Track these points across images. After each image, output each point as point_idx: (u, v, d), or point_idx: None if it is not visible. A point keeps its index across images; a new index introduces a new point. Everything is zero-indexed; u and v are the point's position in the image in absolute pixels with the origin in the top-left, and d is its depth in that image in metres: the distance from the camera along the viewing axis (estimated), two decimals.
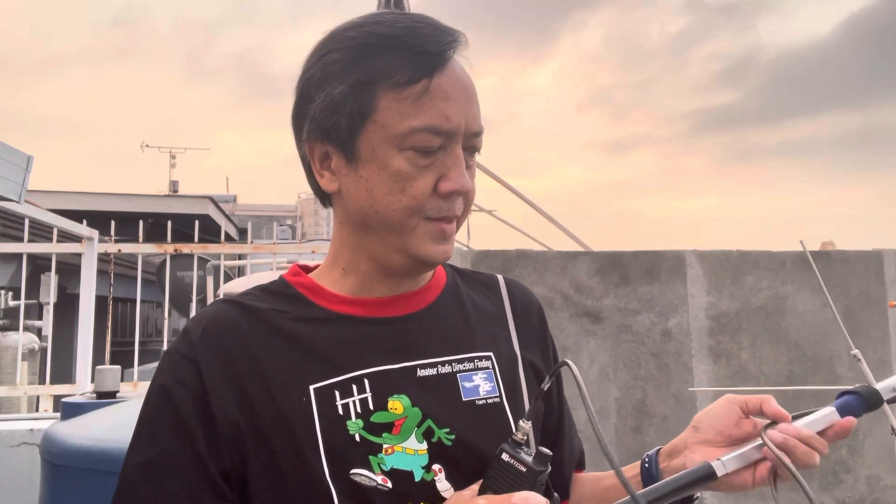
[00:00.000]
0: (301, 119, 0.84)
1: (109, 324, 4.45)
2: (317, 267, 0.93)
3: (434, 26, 0.81)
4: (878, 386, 0.84)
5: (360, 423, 0.78)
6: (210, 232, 6.63)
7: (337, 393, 0.79)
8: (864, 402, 0.83)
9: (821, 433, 0.81)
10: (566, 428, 1.00)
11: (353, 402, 0.79)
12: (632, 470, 0.93)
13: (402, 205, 0.80)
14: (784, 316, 3.20)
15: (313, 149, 0.84)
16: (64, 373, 4.85)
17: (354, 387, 0.80)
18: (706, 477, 0.79)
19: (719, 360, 3.15)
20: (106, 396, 2.35)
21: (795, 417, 0.83)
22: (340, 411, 0.79)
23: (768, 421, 0.82)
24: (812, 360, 3.15)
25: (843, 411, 0.82)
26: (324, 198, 0.89)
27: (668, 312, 3.16)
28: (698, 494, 0.86)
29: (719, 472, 0.79)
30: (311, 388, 0.79)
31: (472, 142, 0.83)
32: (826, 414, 0.82)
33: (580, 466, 1.03)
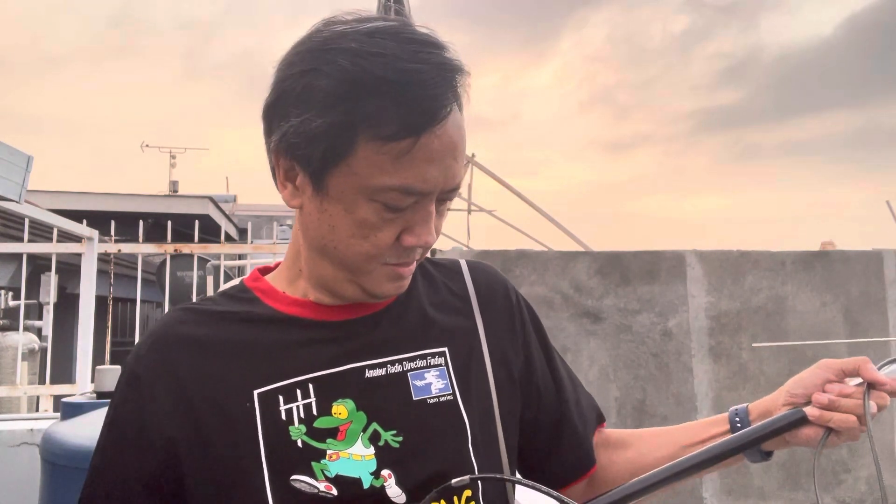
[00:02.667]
0: (271, 124, 0.80)
1: (109, 324, 4.45)
2: (278, 266, 0.92)
3: (438, 68, 0.74)
4: None
5: (303, 428, 0.77)
6: (210, 232, 6.62)
7: (281, 398, 0.79)
8: None
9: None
10: (568, 392, 0.97)
11: (297, 406, 0.78)
12: (720, 425, 0.93)
13: (362, 250, 0.78)
14: (784, 316, 3.20)
15: (279, 160, 0.80)
16: (64, 373, 4.85)
17: (299, 391, 0.79)
18: (798, 421, 0.85)
19: (719, 360, 3.15)
20: (106, 396, 2.35)
21: (880, 367, 0.87)
22: (283, 416, 0.78)
23: (856, 380, 0.86)
24: (812, 361, 3.14)
25: None
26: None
27: (668, 312, 3.15)
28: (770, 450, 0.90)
29: (811, 416, 0.85)
30: (256, 392, 0.79)
31: (447, 195, 0.80)
32: None
33: (600, 421, 1.01)
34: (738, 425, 0.90)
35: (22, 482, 2.96)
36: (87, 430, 1.90)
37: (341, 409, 0.79)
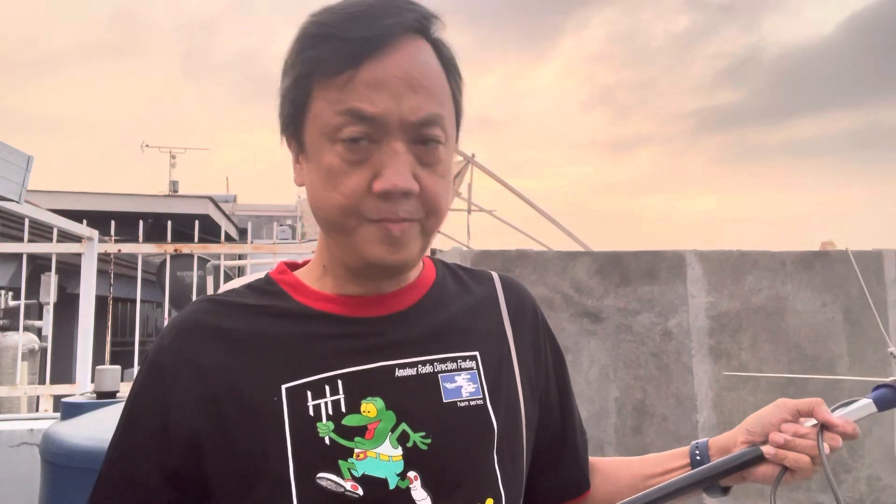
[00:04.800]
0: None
1: (109, 324, 4.44)
2: (306, 263, 0.91)
3: (383, 6, 0.76)
4: None
5: (331, 425, 0.76)
6: (210, 232, 6.63)
7: (309, 393, 0.77)
8: None
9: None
10: (576, 415, 1.00)
11: (325, 403, 0.77)
12: (680, 458, 0.95)
13: (335, 203, 0.76)
14: (784, 316, 3.20)
15: (286, 143, 0.83)
16: (64, 373, 4.85)
17: (327, 387, 0.77)
18: (755, 459, 0.88)
19: (719, 360, 3.15)
20: (106, 396, 2.35)
21: (836, 408, 0.89)
22: (311, 412, 0.76)
23: (811, 422, 0.88)
24: (812, 361, 3.15)
25: (879, 403, 0.89)
26: None
27: (668, 312, 3.15)
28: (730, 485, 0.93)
29: (767, 454, 0.87)
30: (283, 387, 0.77)
31: (421, 133, 0.75)
32: (863, 405, 0.89)
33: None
34: (698, 459, 0.93)
35: (22, 482, 2.96)
36: (87, 430, 1.90)
37: (370, 408, 0.77)
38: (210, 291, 4.95)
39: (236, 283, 0.92)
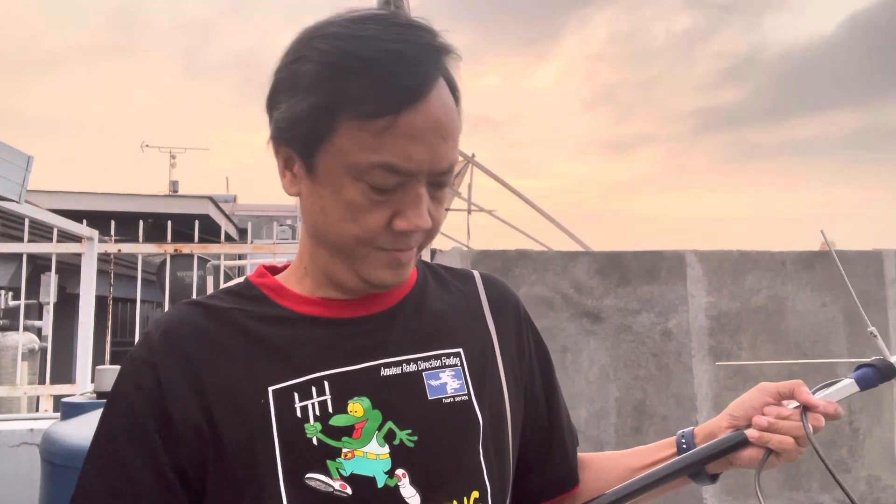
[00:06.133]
0: (269, 115, 0.82)
1: (109, 324, 4.44)
2: (286, 267, 0.91)
3: (420, 47, 0.75)
4: (893, 359, 0.91)
5: (319, 426, 0.77)
6: (210, 232, 6.63)
7: (296, 395, 0.78)
8: (880, 373, 0.90)
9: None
10: (563, 410, 1.00)
11: (312, 404, 0.77)
12: (667, 448, 0.96)
13: (352, 234, 0.77)
14: (784, 316, 3.20)
15: (278, 150, 0.82)
16: (64, 373, 4.84)
17: (314, 389, 0.78)
18: (740, 443, 0.89)
19: (719, 360, 3.15)
20: (106, 396, 2.35)
21: (817, 390, 0.90)
22: (298, 414, 0.77)
23: (793, 404, 0.89)
24: (814, 359, 3.15)
25: (861, 383, 0.90)
26: None
27: (668, 312, 3.16)
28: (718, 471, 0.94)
29: (751, 438, 0.88)
30: (270, 389, 0.77)
31: (439, 179, 0.78)
32: (846, 385, 0.90)
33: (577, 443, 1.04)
34: (685, 447, 0.94)
35: (22, 482, 2.96)
36: (87, 430, 1.90)
37: (357, 407, 0.78)
38: (210, 291, 4.94)
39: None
